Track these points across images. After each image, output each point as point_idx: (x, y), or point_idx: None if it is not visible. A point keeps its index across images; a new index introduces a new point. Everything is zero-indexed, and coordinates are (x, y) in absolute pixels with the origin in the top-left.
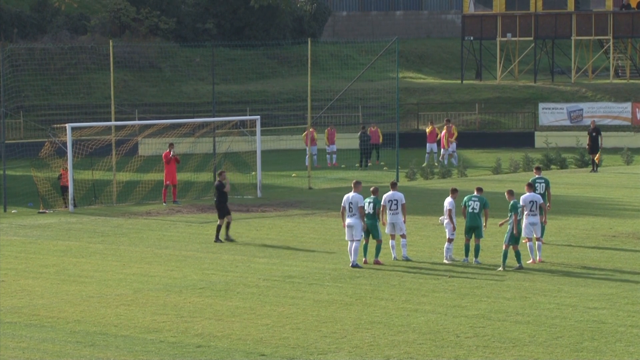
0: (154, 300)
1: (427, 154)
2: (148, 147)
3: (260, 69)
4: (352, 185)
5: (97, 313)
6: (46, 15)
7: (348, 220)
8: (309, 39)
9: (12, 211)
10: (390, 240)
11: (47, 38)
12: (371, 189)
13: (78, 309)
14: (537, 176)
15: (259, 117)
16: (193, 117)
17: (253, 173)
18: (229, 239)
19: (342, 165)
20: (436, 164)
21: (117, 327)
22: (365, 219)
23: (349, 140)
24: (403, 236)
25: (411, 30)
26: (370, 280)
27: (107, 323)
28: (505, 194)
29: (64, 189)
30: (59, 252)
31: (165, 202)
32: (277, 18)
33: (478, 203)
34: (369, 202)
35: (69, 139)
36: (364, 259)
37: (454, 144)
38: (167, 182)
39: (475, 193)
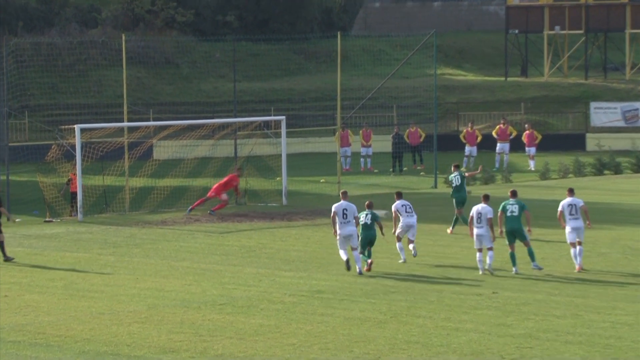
0: (170, 318)
1: (465, 157)
2: (163, 150)
3: (285, 65)
4: (340, 195)
5: (108, 331)
6: (54, 7)
7: (349, 229)
8: (338, 32)
9: (17, 220)
10: (397, 243)
11: (54, 32)
12: (366, 203)
13: (87, 326)
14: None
15: (284, 117)
16: (212, 118)
17: (278, 179)
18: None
19: (375, 170)
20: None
21: (130, 346)
22: (361, 231)
23: (382, 143)
24: (412, 241)
25: (450, 23)
26: (406, 296)
27: (119, 342)
28: None
29: (74, 195)
30: (66, 265)
31: (190, 210)
32: (304, 10)
33: (517, 206)
34: (366, 214)
35: (77, 141)
36: (365, 267)
37: (507, 145)
38: (212, 195)
39: (510, 197)
